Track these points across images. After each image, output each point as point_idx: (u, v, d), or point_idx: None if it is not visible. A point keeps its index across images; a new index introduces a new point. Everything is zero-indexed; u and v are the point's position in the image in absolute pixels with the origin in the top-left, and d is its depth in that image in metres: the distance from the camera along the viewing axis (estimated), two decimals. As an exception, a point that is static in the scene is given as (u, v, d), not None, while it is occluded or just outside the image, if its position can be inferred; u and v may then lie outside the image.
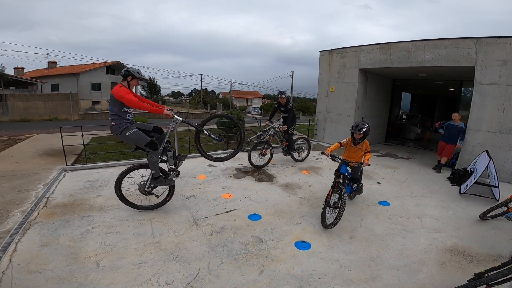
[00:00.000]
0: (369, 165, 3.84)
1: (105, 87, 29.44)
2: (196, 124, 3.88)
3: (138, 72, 3.50)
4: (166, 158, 3.75)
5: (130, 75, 3.43)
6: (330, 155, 3.79)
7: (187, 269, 2.63)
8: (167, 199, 3.88)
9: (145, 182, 3.72)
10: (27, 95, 21.38)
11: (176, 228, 3.38)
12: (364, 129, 3.89)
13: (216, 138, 3.96)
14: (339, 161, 3.82)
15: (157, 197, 3.82)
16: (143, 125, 3.68)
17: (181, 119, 3.65)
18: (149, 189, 3.72)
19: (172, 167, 3.83)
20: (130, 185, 3.69)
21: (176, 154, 3.84)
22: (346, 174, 3.85)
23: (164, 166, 3.87)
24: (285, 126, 6.34)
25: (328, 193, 3.73)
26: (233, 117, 4.64)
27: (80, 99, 24.28)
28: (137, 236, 3.16)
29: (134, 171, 3.67)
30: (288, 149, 6.54)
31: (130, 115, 3.48)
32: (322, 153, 4.04)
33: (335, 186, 3.63)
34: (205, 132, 3.89)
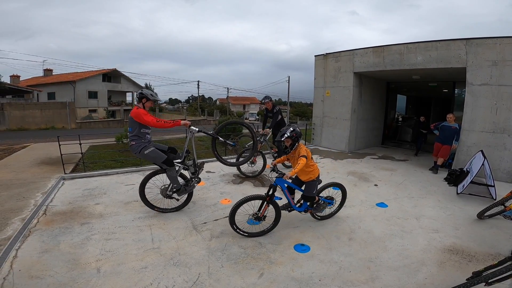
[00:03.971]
0: (291, 178, 3.16)
1: (101, 95, 29.31)
2: (211, 132, 4.22)
3: (151, 95, 3.77)
4: (187, 166, 4.02)
5: (144, 98, 3.70)
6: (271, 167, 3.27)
7: (188, 274, 2.64)
8: (187, 202, 4.12)
9: (167, 186, 3.94)
10: (24, 104, 21.34)
11: (175, 234, 3.39)
12: (287, 134, 3.21)
13: (231, 143, 4.39)
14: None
15: (177, 200, 4.04)
16: (159, 146, 3.91)
17: (197, 129, 3.91)
18: (170, 192, 3.95)
19: (193, 174, 4.07)
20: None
21: (196, 162, 4.07)
22: (297, 190, 3.51)
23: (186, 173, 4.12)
24: (267, 130, 6.17)
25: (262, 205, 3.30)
26: (244, 123, 4.92)
27: (77, 107, 24.28)
28: (137, 242, 3.17)
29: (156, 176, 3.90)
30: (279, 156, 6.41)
31: (149, 135, 3.76)
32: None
33: (269, 200, 3.25)
34: (220, 139, 4.18)
